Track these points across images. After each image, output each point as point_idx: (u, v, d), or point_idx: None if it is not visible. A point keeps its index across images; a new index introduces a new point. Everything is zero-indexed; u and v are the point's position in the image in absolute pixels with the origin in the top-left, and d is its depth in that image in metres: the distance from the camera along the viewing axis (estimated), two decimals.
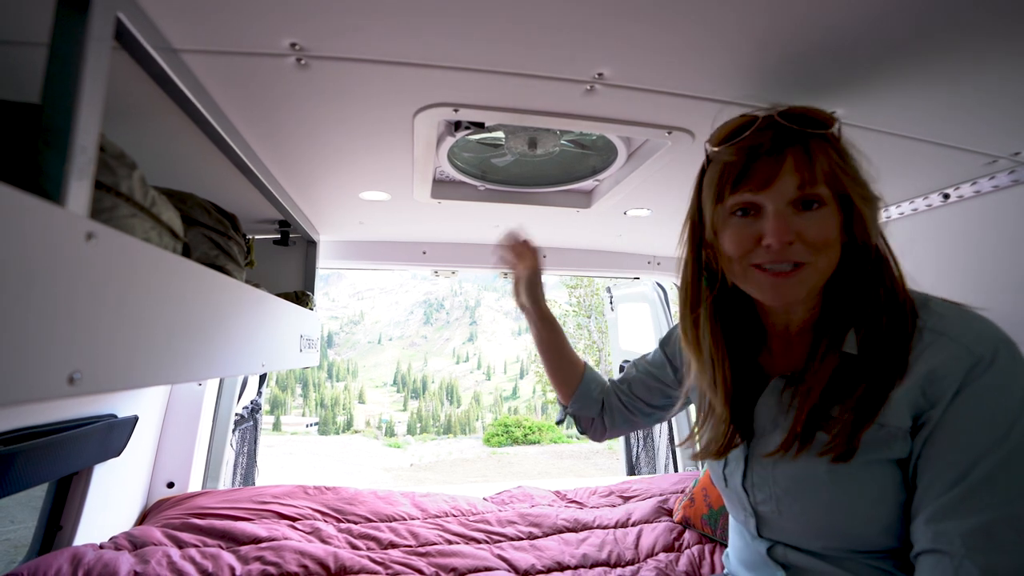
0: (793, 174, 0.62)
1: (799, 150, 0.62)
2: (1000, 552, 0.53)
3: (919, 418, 0.60)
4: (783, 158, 0.62)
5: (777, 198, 0.62)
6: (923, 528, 0.58)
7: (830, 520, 0.66)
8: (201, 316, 0.72)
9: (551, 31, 0.69)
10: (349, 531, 1.64)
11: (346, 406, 79.24)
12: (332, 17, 0.66)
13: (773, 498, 0.71)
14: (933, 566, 0.56)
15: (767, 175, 0.62)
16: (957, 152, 1.03)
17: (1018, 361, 0.58)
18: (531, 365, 52.43)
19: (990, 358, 0.57)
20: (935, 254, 1.29)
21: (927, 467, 0.59)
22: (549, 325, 1.07)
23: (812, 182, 0.61)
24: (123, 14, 0.58)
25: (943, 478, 0.57)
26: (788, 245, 0.62)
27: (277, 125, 0.97)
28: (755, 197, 0.64)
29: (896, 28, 0.66)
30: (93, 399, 1.41)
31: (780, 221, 0.62)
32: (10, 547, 3.49)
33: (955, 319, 0.61)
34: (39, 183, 0.47)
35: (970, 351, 0.57)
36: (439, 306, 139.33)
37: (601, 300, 5.37)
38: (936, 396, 0.58)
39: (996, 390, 0.56)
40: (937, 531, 0.57)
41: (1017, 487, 0.54)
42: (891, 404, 0.61)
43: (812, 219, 0.62)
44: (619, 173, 1.32)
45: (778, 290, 0.64)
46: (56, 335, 0.42)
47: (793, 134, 0.63)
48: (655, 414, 1.03)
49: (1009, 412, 0.56)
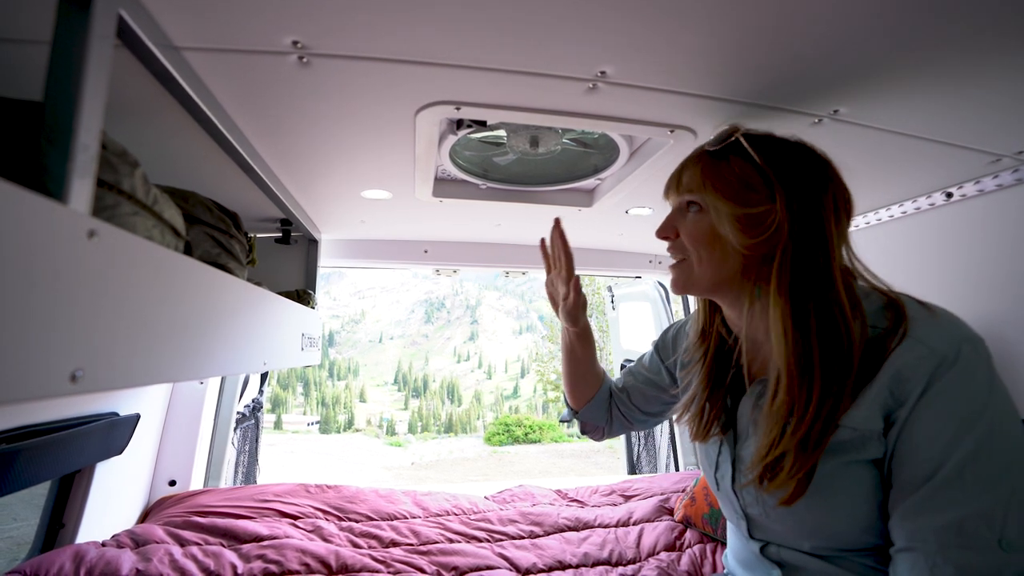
0: (676, 183, 0.78)
1: (691, 165, 0.76)
2: (972, 548, 0.54)
3: (889, 417, 0.61)
4: (680, 171, 0.78)
5: (672, 204, 0.80)
6: (898, 526, 0.59)
7: (815, 522, 0.67)
8: (203, 314, 0.72)
9: (554, 29, 0.69)
10: (350, 529, 1.64)
11: (347, 405, 79.33)
12: (334, 15, 0.66)
13: (759, 502, 0.72)
14: (908, 564, 0.57)
15: (669, 184, 0.80)
16: (960, 151, 1.03)
17: (981, 358, 0.59)
18: (532, 364, 52.48)
19: (953, 357, 0.58)
20: (938, 254, 1.28)
21: (899, 465, 0.60)
22: (586, 340, 1.05)
23: (684, 190, 0.76)
24: (125, 11, 0.58)
25: (914, 476, 0.58)
26: (668, 239, 0.78)
27: (279, 123, 0.97)
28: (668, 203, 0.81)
29: (898, 26, 0.66)
30: (95, 397, 1.41)
31: (664, 221, 0.78)
32: (12, 544, 3.50)
33: (921, 319, 0.62)
34: (41, 181, 0.47)
35: (933, 351, 0.59)
36: (440, 305, 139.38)
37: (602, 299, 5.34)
38: (903, 396, 0.59)
39: (960, 388, 0.57)
40: (911, 529, 0.58)
41: (985, 481, 0.55)
42: (860, 407, 0.61)
43: (686, 220, 0.76)
44: (621, 172, 1.31)
45: (671, 280, 0.80)
46: (58, 333, 0.42)
47: (699, 152, 0.77)
48: (650, 420, 1.07)
49: (973, 409, 0.57)
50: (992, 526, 0.54)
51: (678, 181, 0.77)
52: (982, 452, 0.55)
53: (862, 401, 0.61)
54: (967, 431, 0.56)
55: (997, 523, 0.54)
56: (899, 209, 1.35)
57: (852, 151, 1.03)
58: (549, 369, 19.60)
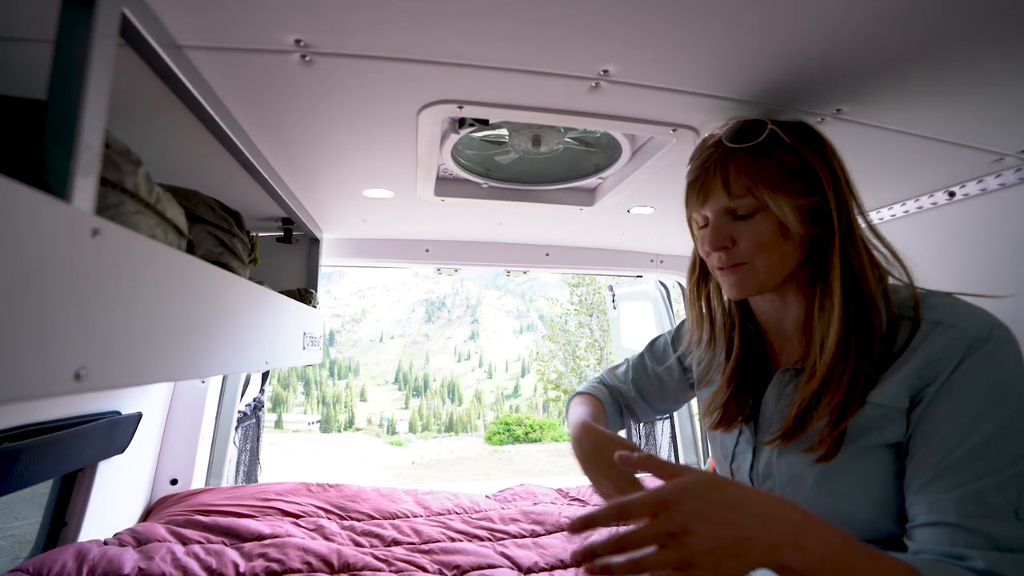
0: (721, 188, 0.70)
1: (728, 166, 0.70)
2: (992, 517, 0.55)
3: (916, 397, 0.62)
4: (716, 174, 0.71)
5: (713, 210, 0.72)
6: (919, 500, 0.60)
7: (834, 507, 0.67)
8: (205, 313, 0.72)
9: (557, 28, 0.69)
10: (352, 528, 1.64)
11: (348, 404, 79.34)
12: (337, 14, 0.66)
13: (778, 488, 0.72)
14: (928, 536, 0.58)
15: (706, 191, 0.72)
16: (963, 150, 1.02)
17: (1012, 342, 0.61)
18: (532, 363, 52.36)
19: (984, 338, 0.60)
20: (940, 253, 1.28)
21: (922, 440, 0.61)
22: None
23: (737, 195, 0.69)
24: (128, 10, 0.58)
25: (936, 449, 0.59)
26: (725, 249, 0.71)
27: (281, 122, 0.97)
28: (701, 210, 0.74)
29: (901, 25, 0.66)
30: (97, 396, 1.41)
31: (715, 230, 0.72)
32: (15, 543, 3.51)
33: (951, 307, 0.64)
34: (45, 179, 0.47)
35: (966, 333, 0.60)
36: (441, 304, 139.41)
37: (603, 298, 5.36)
38: (933, 376, 0.61)
39: (990, 366, 0.59)
40: (932, 501, 0.58)
41: (1008, 456, 0.56)
42: (887, 386, 0.63)
43: (745, 225, 0.70)
44: (623, 171, 1.31)
45: (729, 286, 0.74)
46: (62, 331, 0.42)
47: (724, 150, 0.71)
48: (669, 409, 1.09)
49: (1002, 386, 0.58)
50: (1008, 497, 0.55)
51: (725, 185, 0.70)
52: (1008, 428, 0.56)
53: (891, 380, 0.63)
54: (994, 408, 0.57)
55: (1013, 495, 0.55)
56: (901, 208, 1.34)
57: (854, 150, 1.02)
58: (550, 368, 19.63)
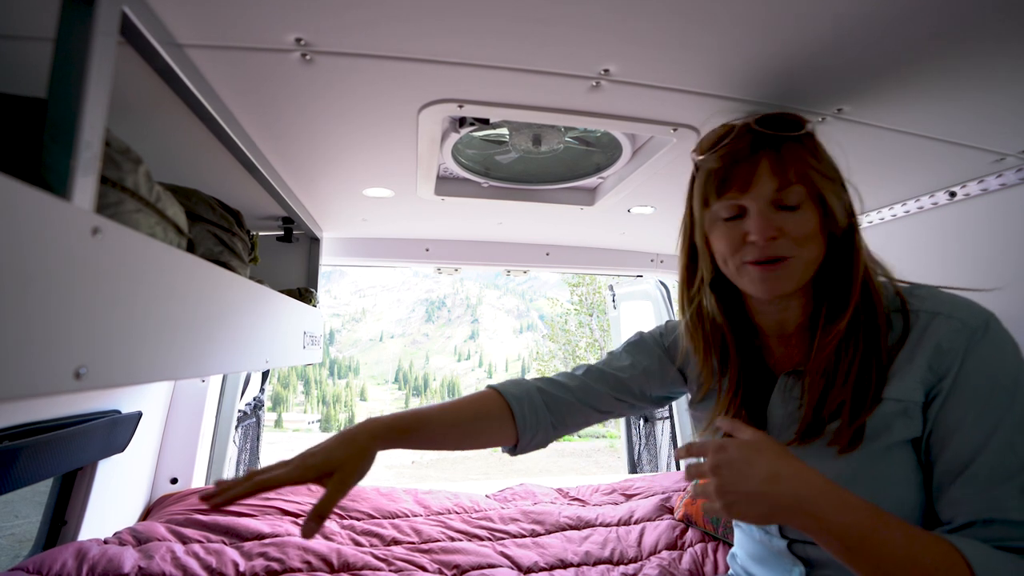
0: (770, 176, 0.66)
1: (773, 154, 0.67)
2: None
3: (930, 392, 0.63)
4: (759, 161, 0.67)
5: (758, 199, 0.67)
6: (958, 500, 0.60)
7: None
8: (206, 312, 0.72)
9: (557, 27, 0.69)
10: (352, 527, 1.64)
11: (348, 403, 79.36)
12: (337, 12, 0.66)
13: None
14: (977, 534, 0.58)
15: (747, 178, 0.67)
16: (964, 149, 1.02)
17: (1004, 330, 0.64)
18: (532, 363, 52.44)
19: (983, 328, 0.62)
20: (941, 253, 1.28)
21: (944, 441, 0.62)
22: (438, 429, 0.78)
23: (787, 183, 0.66)
24: (128, 9, 0.58)
25: (962, 452, 0.60)
26: (772, 240, 0.66)
27: (281, 121, 0.97)
28: (739, 199, 0.68)
29: (902, 25, 0.66)
30: (97, 395, 1.41)
31: (763, 219, 0.66)
32: (15, 542, 3.51)
33: (944, 299, 0.67)
34: (45, 178, 0.47)
35: (965, 323, 0.63)
36: (441, 304, 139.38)
37: (603, 298, 5.37)
38: (944, 369, 0.62)
39: (995, 359, 0.61)
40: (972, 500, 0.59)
41: None
42: (902, 380, 0.64)
43: (793, 216, 0.67)
44: (623, 170, 1.31)
45: (767, 283, 0.68)
46: (62, 330, 0.42)
47: (767, 138, 0.68)
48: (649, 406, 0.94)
49: (1009, 374, 0.60)
50: None
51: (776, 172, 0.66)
52: None
53: (903, 374, 0.64)
54: (1010, 400, 0.59)
55: None
56: (902, 208, 1.34)
57: (855, 150, 1.02)
58: (550, 368, 19.63)
